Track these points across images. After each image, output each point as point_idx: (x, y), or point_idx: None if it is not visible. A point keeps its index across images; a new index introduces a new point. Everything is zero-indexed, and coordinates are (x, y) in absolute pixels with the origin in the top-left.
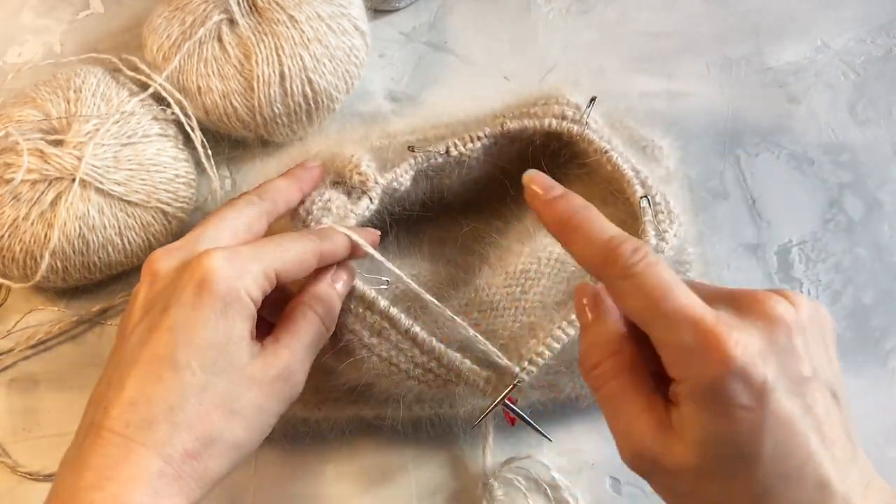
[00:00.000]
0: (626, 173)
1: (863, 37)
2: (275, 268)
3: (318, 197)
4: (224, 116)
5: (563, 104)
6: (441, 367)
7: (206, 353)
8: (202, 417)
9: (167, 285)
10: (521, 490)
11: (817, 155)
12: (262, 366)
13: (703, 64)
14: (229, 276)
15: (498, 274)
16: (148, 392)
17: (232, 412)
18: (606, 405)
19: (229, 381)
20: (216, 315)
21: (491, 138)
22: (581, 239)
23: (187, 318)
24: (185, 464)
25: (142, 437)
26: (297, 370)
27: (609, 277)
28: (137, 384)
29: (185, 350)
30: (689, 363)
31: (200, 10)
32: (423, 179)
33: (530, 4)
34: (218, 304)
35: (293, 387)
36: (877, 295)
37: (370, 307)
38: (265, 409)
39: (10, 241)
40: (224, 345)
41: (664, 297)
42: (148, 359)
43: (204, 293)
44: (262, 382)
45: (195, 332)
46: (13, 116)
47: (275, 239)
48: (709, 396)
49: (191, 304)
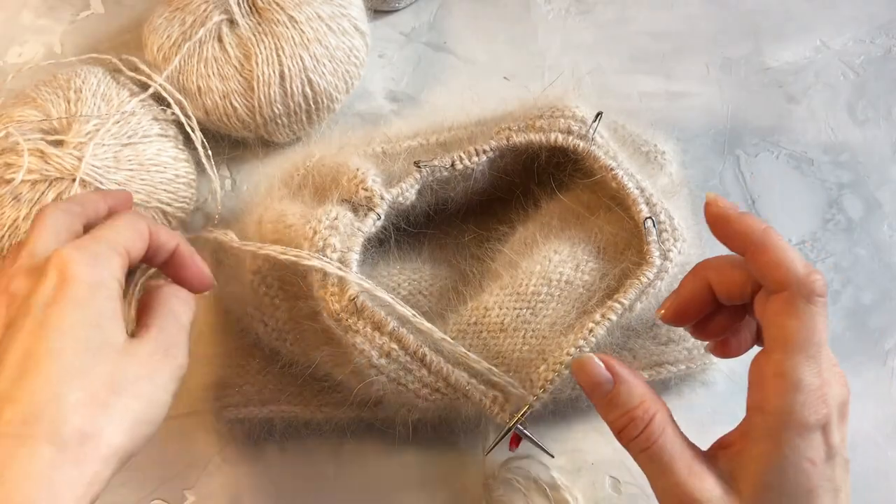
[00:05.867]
0: (632, 192)
1: (862, 37)
2: (121, 243)
3: (325, 216)
4: (224, 117)
5: (568, 118)
6: (449, 388)
7: (79, 333)
8: (91, 397)
9: (25, 293)
10: (520, 490)
11: (817, 155)
12: (138, 344)
13: (703, 64)
14: (87, 263)
15: (508, 294)
16: (27, 385)
17: (121, 387)
18: (651, 464)
19: (110, 358)
20: (83, 298)
21: (496, 151)
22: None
23: (53, 310)
24: (82, 445)
25: (29, 430)
26: (174, 344)
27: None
28: (13, 382)
29: (57, 337)
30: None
31: (201, 11)
32: (428, 192)
33: (530, 5)
34: (82, 288)
35: (175, 360)
36: (876, 295)
37: (379, 328)
38: (154, 381)
39: (11, 242)
40: (96, 325)
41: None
42: (20, 356)
43: (67, 283)
44: (143, 357)
45: (64, 319)
46: (13, 116)
47: (107, 222)
48: (787, 442)
49: (54, 297)
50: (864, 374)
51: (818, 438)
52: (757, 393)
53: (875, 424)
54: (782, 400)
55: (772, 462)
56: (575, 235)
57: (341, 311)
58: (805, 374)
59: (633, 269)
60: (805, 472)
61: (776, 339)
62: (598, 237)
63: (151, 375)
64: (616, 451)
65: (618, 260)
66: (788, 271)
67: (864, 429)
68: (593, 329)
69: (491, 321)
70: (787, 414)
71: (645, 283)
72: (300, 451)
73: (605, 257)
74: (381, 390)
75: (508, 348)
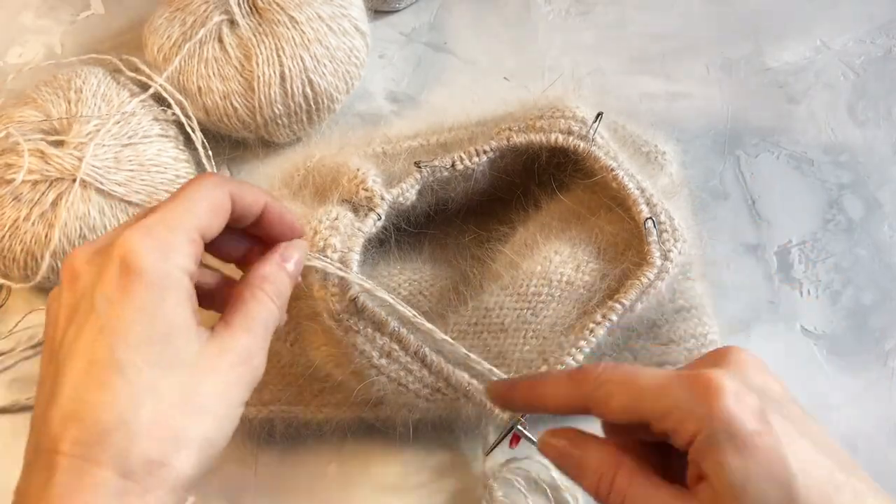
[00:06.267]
0: (632, 193)
1: (862, 37)
2: (196, 226)
3: (326, 216)
4: (224, 117)
5: (569, 118)
6: (450, 388)
7: (148, 347)
8: (161, 419)
9: (89, 282)
10: (520, 490)
11: (817, 155)
12: (218, 352)
13: (703, 64)
14: (154, 256)
15: (509, 294)
16: (92, 402)
17: (194, 407)
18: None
19: (182, 374)
20: (151, 304)
21: (497, 152)
22: (548, 389)
23: (118, 314)
24: (151, 474)
25: (95, 455)
26: (257, 352)
27: (588, 395)
28: (78, 395)
29: (124, 349)
30: (692, 414)
31: (201, 11)
32: (428, 193)
33: (530, 5)
34: (150, 290)
35: (255, 370)
36: (876, 295)
37: (380, 329)
38: (229, 397)
39: (11, 242)
40: (167, 335)
41: (639, 376)
42: (84, 366)
43: (130, 280)
44: (220, 369)
45: (132, 327)
46: (14, 117)
47: (178, 196)
48: (723, 434)
49: (119, 298)
50: (864, 374)
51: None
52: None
53: (875, 424)
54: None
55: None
56: (575, 236)
57: (342, 312)
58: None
59: (634, 270)
60: (758, 447)
61: None
62: (598, 238)
63: (226, 391)
64: None
65: (618, 260)
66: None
67: (864, 429)
68: (594, 329)
69: (492, 322)
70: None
71: (645, 284)
72: (300, 451)
73: (605, 258)
74: (382, 391)
75: (509, 349)
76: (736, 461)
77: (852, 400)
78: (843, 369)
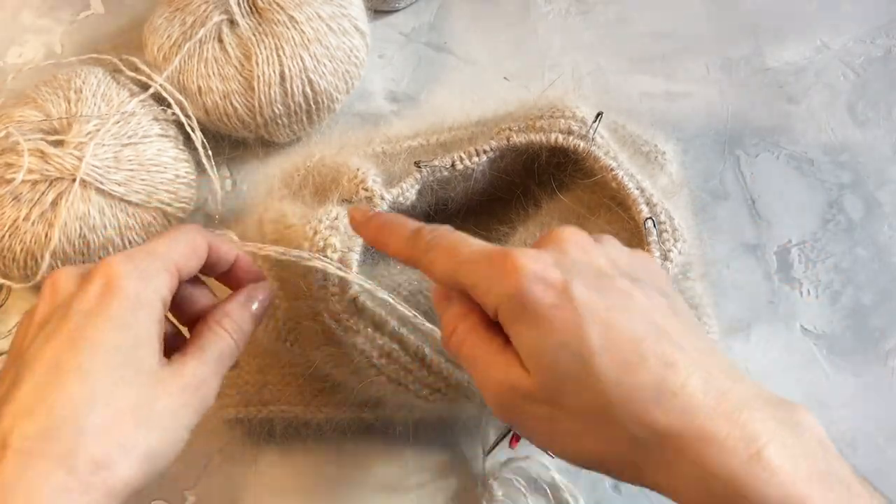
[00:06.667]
0: (632, 193)
1: (862, 37)
2: (174, 261)
3: (326, 216)
4: (224, 117)
5: (569, 118)
6: (450, 388)
7: (112, 356)
8: (111, 424)
9: (67, 296)
10: (520, 490)
11: (817, 155)
12: (171, 374)
13: (703, 64)
14: (135, 278)
15: None
16: (49, 400)
17: (144, 418)
18: (469, 362)
19: (139, 385)
20: (123, 317)
21: (496, 152)
22: (392, 237)
23: (91, 323)
24: (94, 474)
25: (41, 449)
26: (208, 380)
27: (418, 256)
28: (36, 393)
29: (89, 354)
30: (493, 289)
31: (201, 11)
32: (428, 193)
33: (530, 5)
34: (125, 305)
35: (204, 398)
36: (876, 295)
37: (380, 329)
38: (178, 417)
39: (11, 242)
40: (132, 348)
41: (460, 247)
42: (47, 367)
43: (109, 296)
44: (173, 390)
45: (100, 336)
46: (14, 117)
47: (161, 235)
48: (518, 308)
49: (95, 309)
50: (864, 374)
51: (538, 289)
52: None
53: (875, 424)
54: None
55: (525, 337)
56: None
57: (342, 312)
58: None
59: None
60: (554, 320)
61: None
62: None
63: (177, 411)
64: None
65: None
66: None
67: (865, 429)
68: None
69: None
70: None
71: None
72: (300, 451)
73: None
74: (382, 391)
75: None
76: (528, 333)
77: (852, 400)
78: (843, 369)
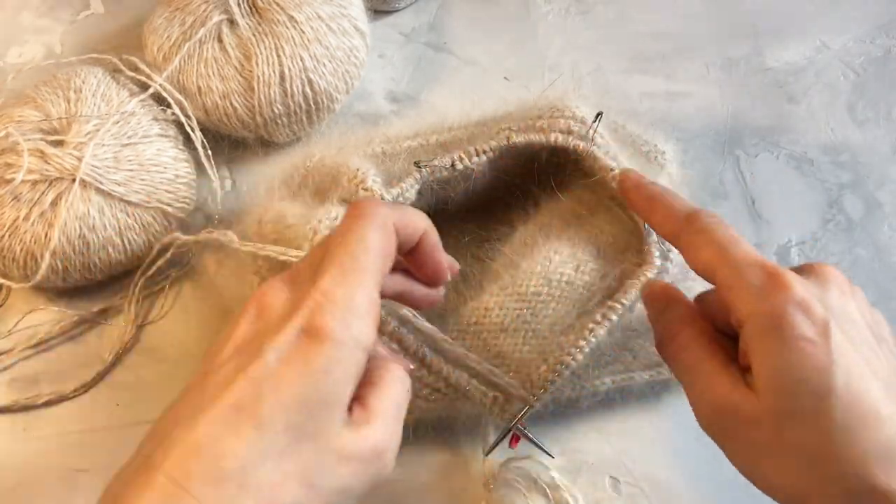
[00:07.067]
0: None
1: (862, 37)
2: (376, 283)
3: (325, 215)
4: (224, 117)
5: (568, 118)
6: (449, 388)
7: (295, 412)
8: (275, 485)
9: (269, 324)
10: (520, 490)
11: (817, 155)
12: (355, 438)
13: (703, 64)
14: (337, 325)
15: (508, 294)
16: (220, 443)
17: (311, 486)
18: (684, 370)
19: (316, 449)
20: (318, 371)
21: (496, 152)
22: (663, 208)
23: (282, 371)
24: None
25: (199, 493)
26: (391, 446)
27: (685, 235)
28: (210, 431)
29: (272, 405)
30: (755, 299)
31: (201, 11)
32: (428, 192)
33: (530, 5)
34: (321, 358)
35: (384, 467)
36: (877, 295)
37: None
38: (349, 490)
39: (11, 242)
40: (318, 407)
41: (734, 245)
42: (228, 406)
43: (307, 345)
44: (353, 458)
45: (288, 389)
46: (13, 117)
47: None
48: (774, 327)
49: (289, 357)
50: None
51: (800, 318)
52: (732, 316)
53: None
54: (739, 308)
55: (770, 360)
56: (575, 236)
57: None
58: (738, 281)
59: (634, 270)
60: (806, 354)
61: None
62: (598, 238)
63: (349, 483)
64: (616, 452)
65: (618, 260)
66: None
67: None
68: (594, 329)
69: (491, 321)
70: (750, 315)
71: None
72: None
73: (605, 258)
74: None
75: (509, 349)
76: (776, 356)
77: None
78: None
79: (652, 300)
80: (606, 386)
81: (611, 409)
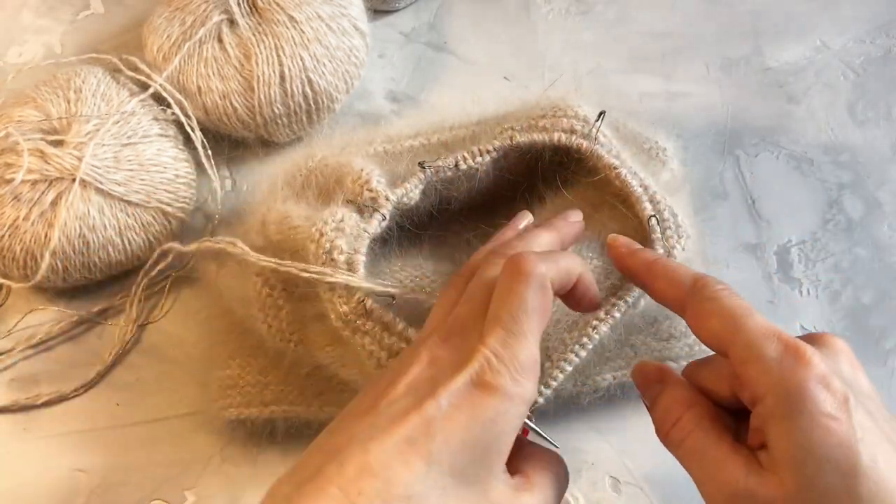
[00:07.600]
0: (635, 190)
1: (862, 37)
2: (537, 340)
3: (331, 217)
4: (224, 117)
5: (571, 117)
6: None
7: (461, 455)
8: None
9: (442, 372)
10: None
11: (817, 155)
12: (512, 499)
13: (703, 64)
14: (506, 379)
15: None
16: (392, 470)
17: None
18: (691, 458)
19: (475, 495)
20: (486, 419)
21: (500, 151)
22: (665, 275)
23: (453, 414)
24: None
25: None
26: None
27: (696, 300)
28: (384, 457)
29: (441, 445)
30: (774, 375)
31: (201, 11)
32: (432, 192)
33: (530, 5)
34: (489, 408)
35: None
36: (876, 295)
37: (388, 329)
38: None
39: (11, 242)
40: (483, 454)
41: (747, 315)
42: (401, 437)
43: (478, 394)
44: None
45: (457, 430)
46: (13, 116)
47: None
48: (795, 405)
49: (460, 404)
50: None
51: (822, 394)
52: (744, 392)
53: None
54: (755, 385)
55: (792, 439)
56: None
57: (350, 313)
58: (753, 353)
59: None
60: (830, 431)
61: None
62: (602, 235)
63: None
64: (616, 452)
65: None
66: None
67: None
68: (597, 326)
69: None
70: (767, 392)
71: None
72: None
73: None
74: None
75: None
76: (797, 435)
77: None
78: None
79: (645, 382)
80: (607, 381)
81: (611, 408)
